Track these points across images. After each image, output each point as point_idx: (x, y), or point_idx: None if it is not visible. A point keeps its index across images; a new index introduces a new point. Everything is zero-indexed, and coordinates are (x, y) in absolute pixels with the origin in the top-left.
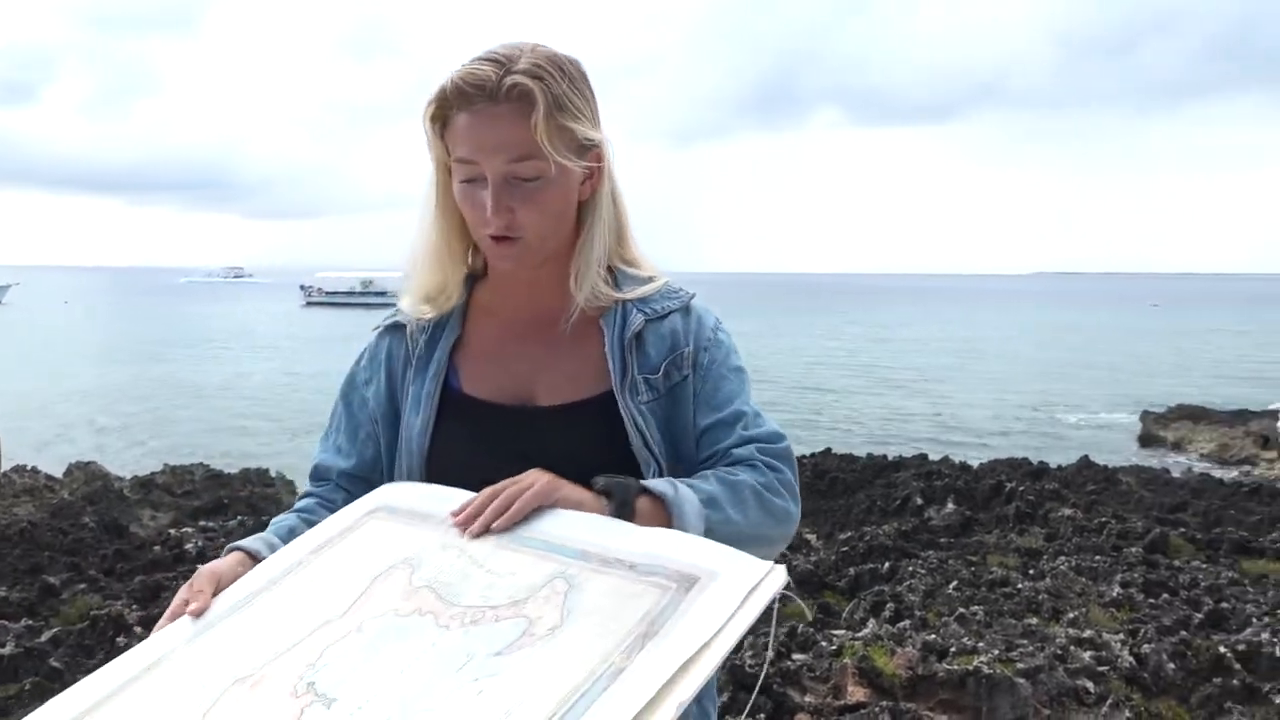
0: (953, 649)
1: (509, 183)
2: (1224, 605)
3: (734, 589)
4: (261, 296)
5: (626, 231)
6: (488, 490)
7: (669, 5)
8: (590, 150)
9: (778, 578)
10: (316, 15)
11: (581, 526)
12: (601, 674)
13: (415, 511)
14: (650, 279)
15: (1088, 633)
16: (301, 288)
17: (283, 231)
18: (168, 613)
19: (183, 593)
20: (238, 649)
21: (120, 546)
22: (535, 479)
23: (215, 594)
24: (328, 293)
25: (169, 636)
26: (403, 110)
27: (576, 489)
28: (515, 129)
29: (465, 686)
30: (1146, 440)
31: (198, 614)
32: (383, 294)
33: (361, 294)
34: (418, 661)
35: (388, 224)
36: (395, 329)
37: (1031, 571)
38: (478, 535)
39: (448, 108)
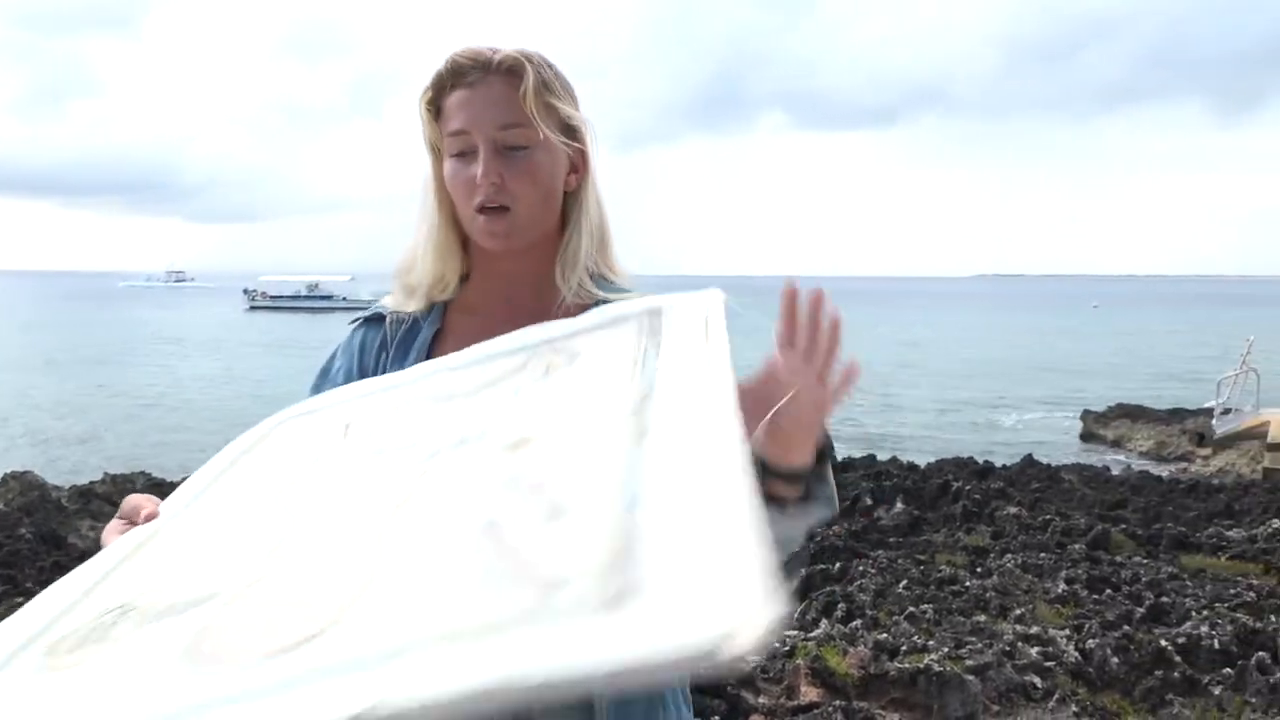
0: (903, 647)
1: (499, 151)
2: (1164, 600)
3: (694, 311)
4: (204, 301)
5: (609, 239)
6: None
7: (614, 10)
8: (574, 134)
9: (718, 296)
10: (261, 16)
11: (521, 332)
12: (647, 350)
13: (337, 400)
14: (628, 292)
15: (1034, 629)
16: (245, 291)
17: (226, 234)
18: (109, 531)
19: (115, 525)
20: (244, 495)
21: (59, 559)
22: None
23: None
24: (272, 296)
25: (137, 532)
26: (350, 112)
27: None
28: (505, 96)
29: (523, 398)
30: (1087, 438)
31: (151, 519)
32: (328, 297)
33: (306, 297)
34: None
35: (334, 227)
36: (373, 321)
37: (979, 570)
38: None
39: (443, 90)
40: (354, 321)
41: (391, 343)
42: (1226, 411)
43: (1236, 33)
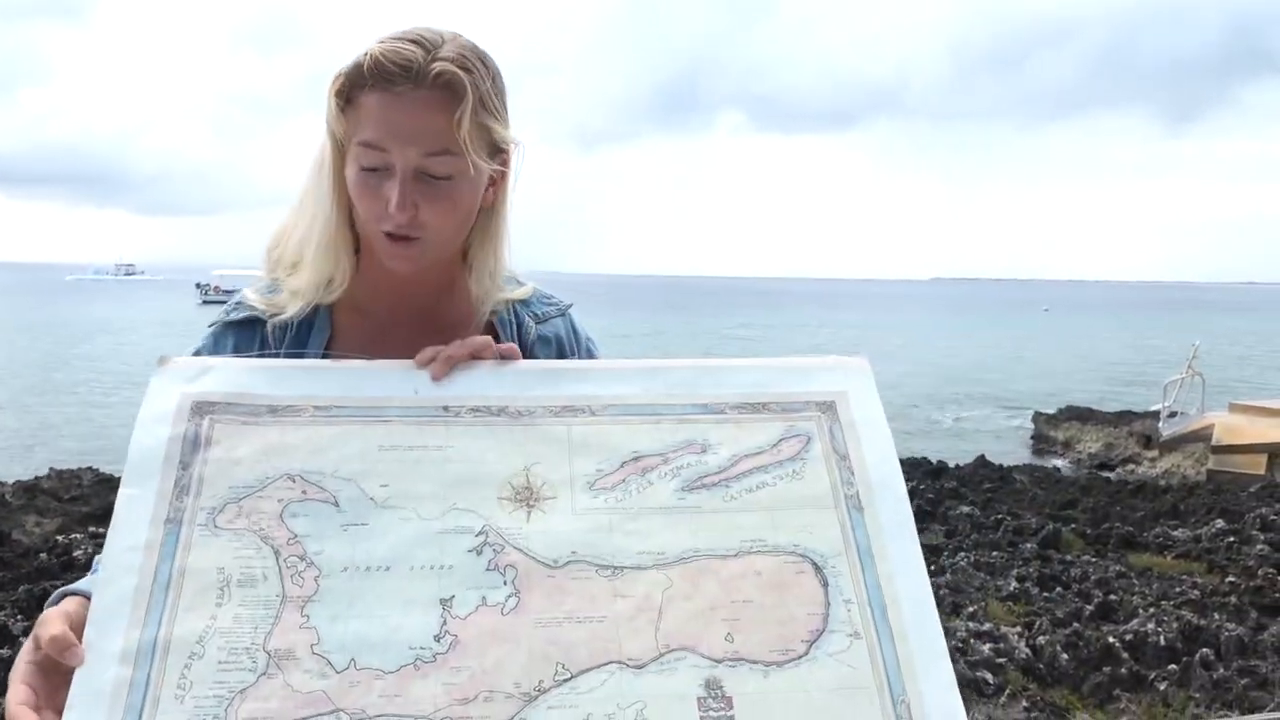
0: None
1: (418, 177)
2: (1112, 597)
3: (867, 404)
4: (154, 294)
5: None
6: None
7: (575, 7)
8: (500, 154)
9: (865, 366)
10: (215, 6)
11: (668, 379)
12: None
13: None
14: (518, 282)
15: (986, 626)
16: (197, 286)
17: (180, 228)
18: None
19: (27, 653)
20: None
21: (2, 554)
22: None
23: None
24: (225, 291)
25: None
26: (306, 105)
27: None
28: (437, 119)
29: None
30: (1038, 440)
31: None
32: None
33: None
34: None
35: None
36: (245, 325)
37: (933, 568)
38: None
39: (360, 85)
40: (214, 324)
41: (278, 350)
42: (1173, 414)
43: (1184, 42)
